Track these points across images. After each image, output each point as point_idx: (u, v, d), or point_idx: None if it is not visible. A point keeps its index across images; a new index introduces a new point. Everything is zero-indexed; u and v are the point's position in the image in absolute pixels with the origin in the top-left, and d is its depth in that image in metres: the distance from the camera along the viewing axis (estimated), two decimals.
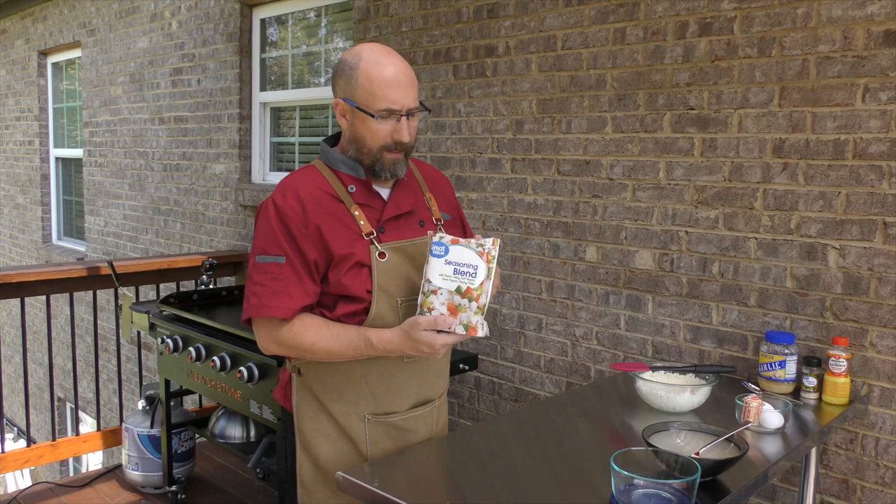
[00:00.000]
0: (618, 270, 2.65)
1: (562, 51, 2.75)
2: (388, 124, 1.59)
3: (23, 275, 3.50)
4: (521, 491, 1.45)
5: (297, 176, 1.67)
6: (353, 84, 1.59)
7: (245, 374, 2.70)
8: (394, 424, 1.71)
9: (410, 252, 1.66)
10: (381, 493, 1.39)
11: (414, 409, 1.75)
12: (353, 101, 1.59)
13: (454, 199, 1.89)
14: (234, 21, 4.41)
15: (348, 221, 1.62)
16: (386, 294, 1.63)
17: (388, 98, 1.56)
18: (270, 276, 1.58)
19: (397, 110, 1.58)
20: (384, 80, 1.56)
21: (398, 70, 1.58)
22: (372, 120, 1.58)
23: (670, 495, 1.26)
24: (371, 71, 1.57)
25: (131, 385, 5.31)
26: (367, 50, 1.61)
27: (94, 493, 3.48)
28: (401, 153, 1.64)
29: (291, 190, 1.62)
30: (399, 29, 3.38)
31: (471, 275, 1.53)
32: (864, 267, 2.08)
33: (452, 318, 1.52)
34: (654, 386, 1.87)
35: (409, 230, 1.69)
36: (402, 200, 1.70)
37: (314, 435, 1.71)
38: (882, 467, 2.09)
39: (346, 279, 1.60)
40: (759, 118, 2.26)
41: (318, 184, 1.65)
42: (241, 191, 4.34)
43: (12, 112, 7.33)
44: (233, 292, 3.53)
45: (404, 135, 1.61)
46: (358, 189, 1.66)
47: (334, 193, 1.64)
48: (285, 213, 1.59)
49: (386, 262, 1.62)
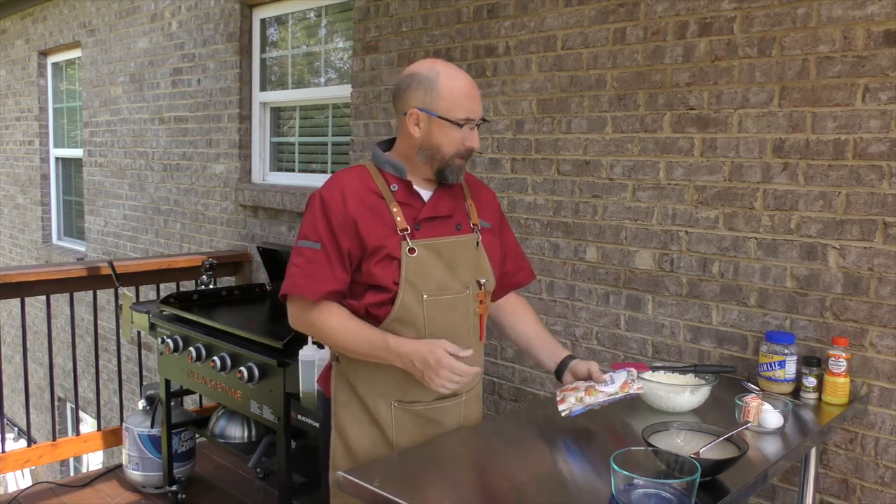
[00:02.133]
0: (618, 270, 2.65)
1: (562, 51, 2.76)
2: (463, 132, 1.73)
3: (23, 275, 3.50)
4: (521, 491, 1.45)
5: (347, 172, 1.80)
6: (433, 95, 1.71)
7: (245, 374, 2.71)
8: (419, 413, 1.79)
9: (440, 249, 1.75)
10: (381, 492, 1.39)
11: (440, 400, 1.80)
12: (434, 111, 1.71)
13: (497, 211, 1.98)
14: (234, 21, 4.41)
15: (385, 217, 1.73)
16: (412, 287, 1.71)
17: (467, 108, 1.71)
18: (306, 259, 1.72)
19: (473, 119, 1.73)
20: (465, 91, 1.71)
21: (472, 84, 1.74)
22: (453, 128, 1.71)
23: (670, 495, 1.26)
24: (454, 85, 1.71)
25: (131, 385, 5.31)
26: (439, 64, 1.74)
27: (94, 493, 3.49)
28: (466, 159, 1.77)
29: (338, 185, 1.75)
30: (399, 29, 3.38)
31: (605, 382, 1.77)
32: (864, 267, 2.08)
33: (468, 352, 1.68)
34: (654, 386, 1.88)
35: (445, 230, 1.79)
36: (441, 204, 1.80)
37: (347, 420, 1.81)
38: (882, 467, 2.09)
39: (377, 269, 1.70)
40: (759, 118, 2.26)
41: (363, 180, 1.77)
42: (241, 191, 4.34)
43: (12, 112, 7.33)
44: (233, 292, 3.53)
45: (476, 142, 1.75)
46: (400, 188, 1.77)
47: (377, 190, 1.76)
48: (329, 205, 1.72)
49: (415, 257, 1.72)
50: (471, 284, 1.79)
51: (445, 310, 1.75)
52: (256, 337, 2.81)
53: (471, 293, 1.79)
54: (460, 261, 1.78)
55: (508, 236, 2.01)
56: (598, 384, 1.78)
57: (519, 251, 2.05)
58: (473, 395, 1.91)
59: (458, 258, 1.77)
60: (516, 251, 2.03)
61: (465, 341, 1.77)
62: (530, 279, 2.06)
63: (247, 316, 3.26)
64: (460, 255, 1.78)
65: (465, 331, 1.79)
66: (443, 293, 1.74)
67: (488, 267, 1.84)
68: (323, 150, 4.19)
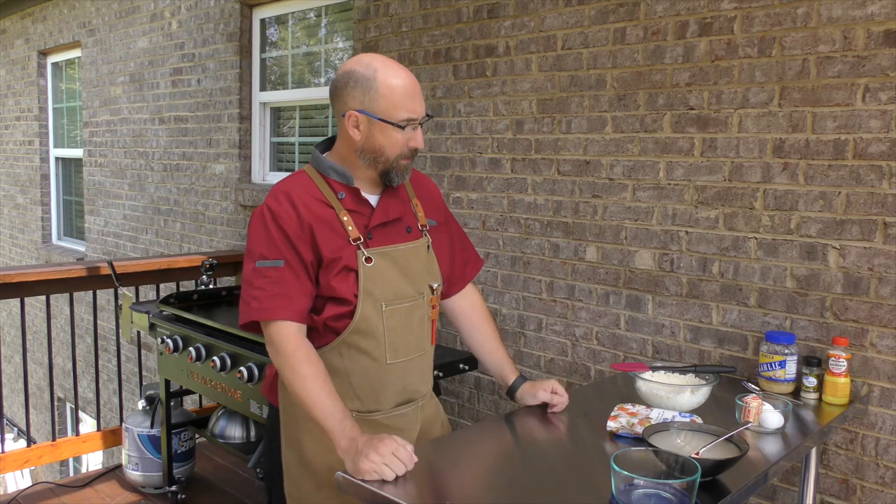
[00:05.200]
0: (618, 270, 2.65)
1: (562, 51, 2.75)
2: (406, 133, 1.64)
3: (23, 275, 3.50)
4: (521, 491, 1.45)
5: (289, 182, 1.70)
6: (371, 95, 1.61)
7: (245, 374, 2.70)
8: (378, 422, 1.73)
9: (395, 257, 1.71)
10: (380, 493, 1.39)
11: (398, 407, 1.77)
12: (374, 113, 1.62)
13: (441, 203, 1.92)
14: (234, 21, 4.41)
15: (337, 227, 1.66)
16: (371, 298, 1.67)
17: (409, 108, 1.62)
18: (270, 280, 1.62)
19: (416, 119, 1.64)
20: (403, 90, 1.61)
21: (412, 80, 1.64)
22: (395, 129, 1.62)
23: (670, 495, 1.26)
24: (393, 83, 1.61)
25: (131, 385, 5.31)
26: (377, 61, 1.64)
27: (94, 493, 3.48)
28: (412, 159, 1.70)
29: (284, 194, 1.66)
30: (399, 29, 3.38)
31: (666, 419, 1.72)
32: (864, 267, 2.08)
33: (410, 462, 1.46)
34: (654, 386, 1.87)
35: (397, 236, 1.73)
36: (390, 207, 1.73)
37: (299, 430, 1.74)
38: (882, 467, 2.09)
39: (335, 282, 1.64)
40: (759, 118, 2.26)
41: (309, 190, 1.68)
42: (241, 191, 4.34)
43: (12, 112, 7.32)
44: (233, 292, 3.53)
45: (420, 142, 1.67)
46: (347, 196, 1.69)
47: (324, 199, 1.67)
48: (281, 217, 1.63)
49: (372, 267, 1.67)
50: (424, 290, 1.76)
51: (403, 318, 1.72)
52: (256, 337, 2.79)
53: (425, 299, 1.76)
54: (414, 267, 1.74)
55: (454, 227, 1.95)
56: (653, 419, 1.73)
57: (465, 242, 1.98)
58: (427, 399, 1.87)
59: (411, 264, 1.73)
60: (463, 242, 1.97)
61: (420, 346, 1.77)
62: (477, 269, 1.98)
63: None
64: (413, 261, 1.74)
65: (421, 336, 1.77)
66: (400, 301, 1.70)
67: (438, 270, 1.81)
68: None
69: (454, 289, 1.94)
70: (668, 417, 1.73)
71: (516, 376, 1.90)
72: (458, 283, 1.95)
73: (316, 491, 1.73)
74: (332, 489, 1.63)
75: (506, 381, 1.90)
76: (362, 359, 1.70)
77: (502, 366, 1.92)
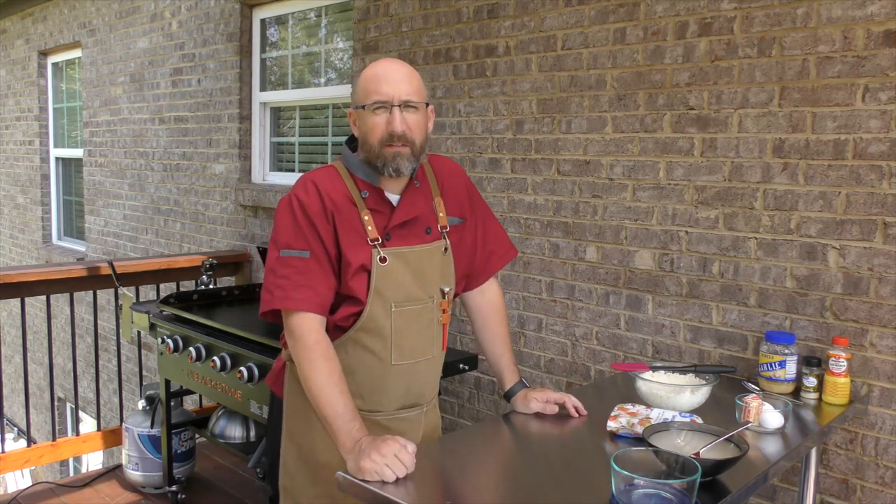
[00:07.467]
0: (618, 270, 2.65)
1: (562, 51, 2.76)
2: (382, 117, 1.63)
3: (23, 275, 3.50)
4: (522, 491, 1.45)
5: (318, 173, 1.72)
6: (355, 90, 1.71)
7: (245, 374, 2.70)
8: (378, 423, 1.73)
9: (410, 259, 1.70)
10: (381, 493, 1.39)
11: (401, 410, 1.77)
12: (355, 104, 1.71)
13: (466, 195, 1.86)
14: (234, 21, 4.41)
15: (357, 225, 1.67)
16: (381, 297, 1.67)
17: (378, 91, 1.63)
18: (295, 269, 1.61)
19: (386, 101, 1.62)
20: (374, 76, 1.65)
21: (389, 67, 1.66)
22: (368, 114, 1.64)
23: (670, 495, 1.26)
24: (367, 73, 1.68)
25: (131, 385, 5.31)
26: (373, 62, 1.71)
27: (94, 493, 3.48)
28: (400, 147, 1.64)
29: (312, 184, 1.66)
30: (399, 29, 3.38)
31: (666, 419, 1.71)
32: (864, 267, 2.08)
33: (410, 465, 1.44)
34: (654, 386, 1.87)
35: (415, 237, 1.72)
36: (410, 207, 1.72)
37: (300, 423, 1.74)
38: (882, 467, 2.09)
39: (352, 282, 1.65)
40: (759, 118, 2.26)
41: (336, 184, 1.69)
42: (241, 191, 4.34)
43: (12, 112, 7.32)
44: (233, 292, 3.53)
45: (396, 125, 1.62)
46: (371, 195, 1.70)
47: (349, 196, 1.68)
48: (308, 207, 1.63)
49: (386, 267, 1.67)
50: (435, 294, 1.75)
51: (411, 320, 1.71)
52: (256, 337, 2.81)
53: (435, 302, 1.75)
54: (427, 269, 1.73)
55: (480, 217, 1.89)
56: (653, 419, 1.73)
57: (493, 234, 1.92)
58: (432, 406, 1.88)
59: (424, 267, 1.73)
60: (489, 235, 1.91)
61: (428, 351, 1.76)
62: (505, 261, 1.94)
63: (247, 316, 3.25)
64: (427, 264, 1.73)
65: (429, 340, 1.77)
66: (409, 303, 1.70)
67: (453, 273, 1.80)
68: (323, 151, 4.19)
69: (474, 283, 1.92)
70: (668, 417, 1.73)
71: (514, 382, 1.89)
72: (478, 276, 1.92)
73: (311, 485, 1.74)
74: (326, 485, 1.64)
75: (504, 385, 1.91)
76: (367, 357, 1.70)
77: (503, 370, 1.92)
